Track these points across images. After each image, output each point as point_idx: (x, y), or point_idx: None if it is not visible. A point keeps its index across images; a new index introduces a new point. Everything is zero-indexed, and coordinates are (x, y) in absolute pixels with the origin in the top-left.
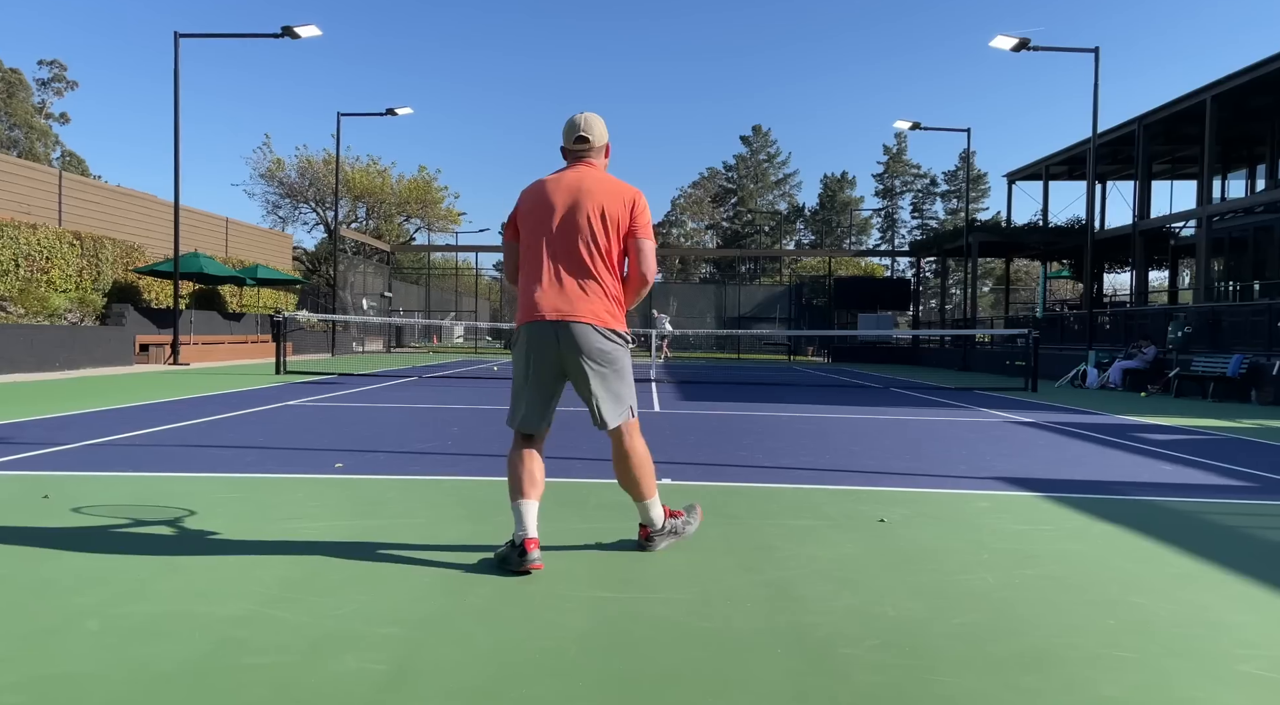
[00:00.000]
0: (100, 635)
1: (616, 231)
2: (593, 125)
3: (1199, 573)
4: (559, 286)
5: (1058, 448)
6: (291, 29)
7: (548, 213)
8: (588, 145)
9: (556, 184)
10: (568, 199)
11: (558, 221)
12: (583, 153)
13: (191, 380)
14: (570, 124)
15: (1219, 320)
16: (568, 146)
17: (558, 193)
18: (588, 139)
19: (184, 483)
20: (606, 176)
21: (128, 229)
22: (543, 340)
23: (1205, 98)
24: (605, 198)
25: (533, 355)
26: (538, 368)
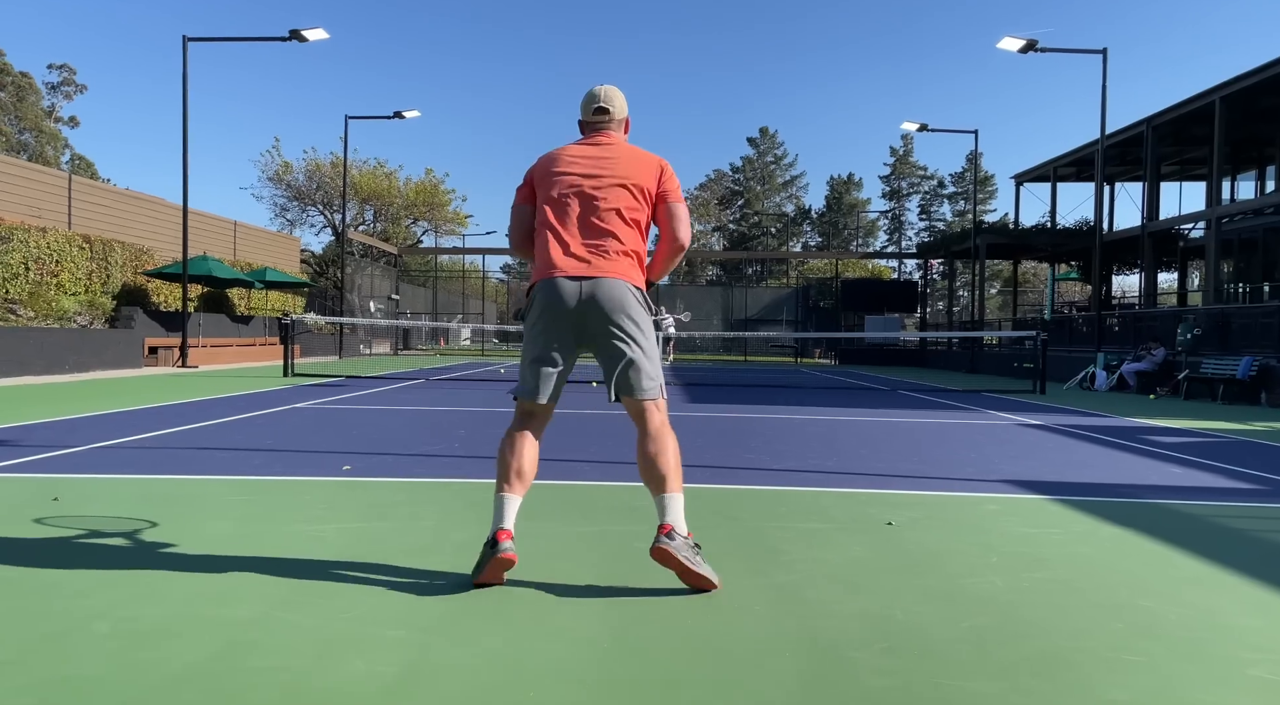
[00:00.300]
0: (109, 638)
1: (646, 198)
2: (613, 97)
3: (1208, 576)
4: (588, 245)
5: (1066, 450)
6: (299, 33)
7: (574, 177)
8: (608, 116)
9: (581, 150)
10: (595, 165)
11: (586, 186)
12: (602, 124)
13: (200, 383)
14: (590, 96)
15: (1229, 322)
16: (586, 118)
17: (583, 158)
18: (608, 110)
19: (193, 485)
20: (631, 146)
21: (137, 232)
22: (563, 299)
23: (1214, 98)
24: (633, 164)
25: (550, 316)
26: (557, 328)
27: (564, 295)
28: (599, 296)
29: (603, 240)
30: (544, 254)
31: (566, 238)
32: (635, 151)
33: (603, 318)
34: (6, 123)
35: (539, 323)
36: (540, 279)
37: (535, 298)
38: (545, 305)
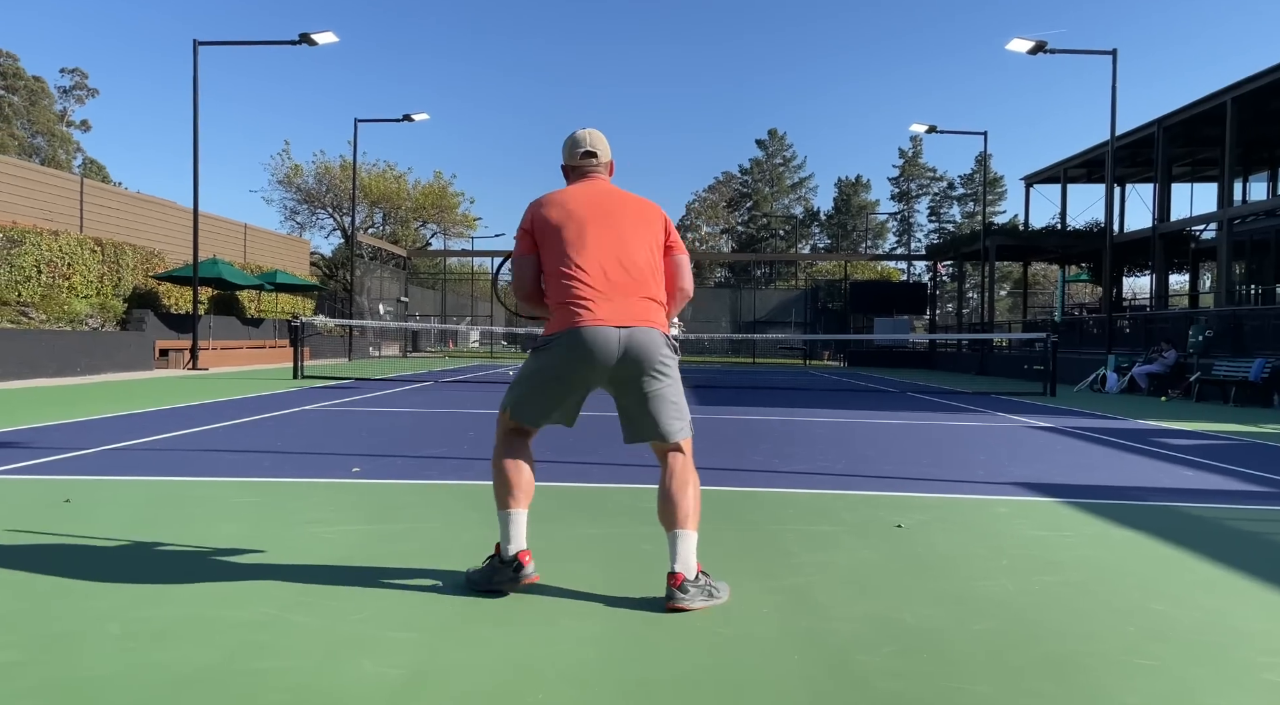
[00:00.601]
0: (120, 639)
1: (657, 246)
2: (598, 141)
3: (1221, 579)
4: (614, 295)
5: (1077, 452)
6: (309, 36)
7: (582, 220)
8: (596, 160)
9: (583, 196)
10: (606, 210)
11: (598, 229)
12: (590, 168)
13: (210, 385)
14: (574, 140)
15: (1241, 324)
16: (572, 163)
17: (591, 204)
18: (595, 154)
19: (203, 487)
20: (629, 193)
21: (148, 235)
22: (592, 347)
23: (1225, 99)
24: (641, 211)
25: (580, 362)
26: (578, 371)
27: (599, 343)
28: (634, 346)
29: (634, 287)
30: (573, 300)
31: (598, 284)
32: (640, 200)
33: (637, 366)
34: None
35: (562, 360)
36: (570, 326)
37: (562, 341)
38: (573, 349)
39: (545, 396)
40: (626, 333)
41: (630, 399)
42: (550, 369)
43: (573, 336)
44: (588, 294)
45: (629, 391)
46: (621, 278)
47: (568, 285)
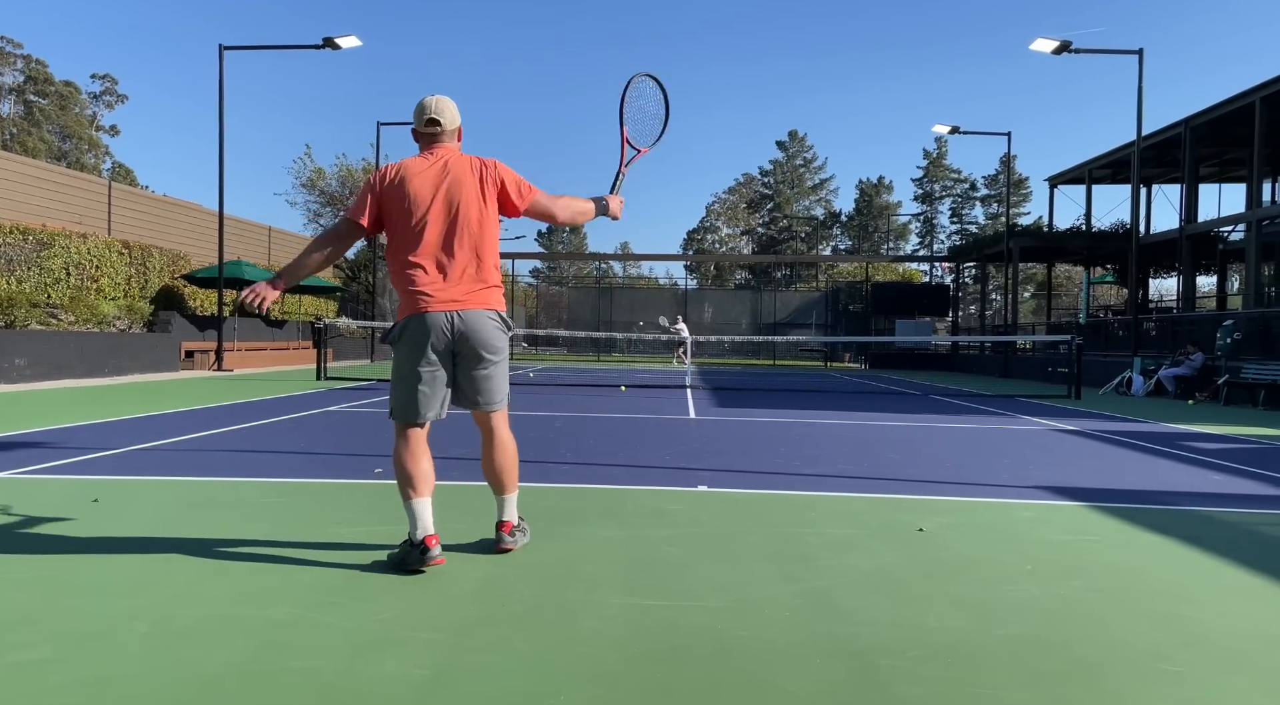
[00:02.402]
0: (149, 637)
1: (490, 206)
2: (444, 108)
3: (1252, 585)
4: (448, 277)
5: (1103, 457)
6: (332, 40)
7: (422, 200)
8: (439, 128)
9: (420, 170)
10: (440, 186)
11: (435, 210)
12: (435, 136)
13: (235, 386)
14: (420, 107)
15: (1270, 326)
16: (420, 129)
17: (426, 180)
18: (439, 122)
19: (229, 487)
20: (466, 156)
21: (174, 238)
22: (435, 330)
23: (1254, 99)
24: (472, 176)
25: (424, 345)
26: (433, 357)
27: (435, 329)
28: (467, 331)
29: (466, 268)
30: (412, 287)
31: (432, 272)
32: (471, 161)
33: (469, 347)
34: (49, 131)
35: (418, 350)
36: (412, 313)
37: (408, 328)
38: (420, 337)
39: (418, 385)
40: (460, 317)
41: (464, 373)
42: (410, 357)
43: (414, 323)
44: (419, 280)
45: (464, 366)
46: (454, 260)
47: (403, 268)
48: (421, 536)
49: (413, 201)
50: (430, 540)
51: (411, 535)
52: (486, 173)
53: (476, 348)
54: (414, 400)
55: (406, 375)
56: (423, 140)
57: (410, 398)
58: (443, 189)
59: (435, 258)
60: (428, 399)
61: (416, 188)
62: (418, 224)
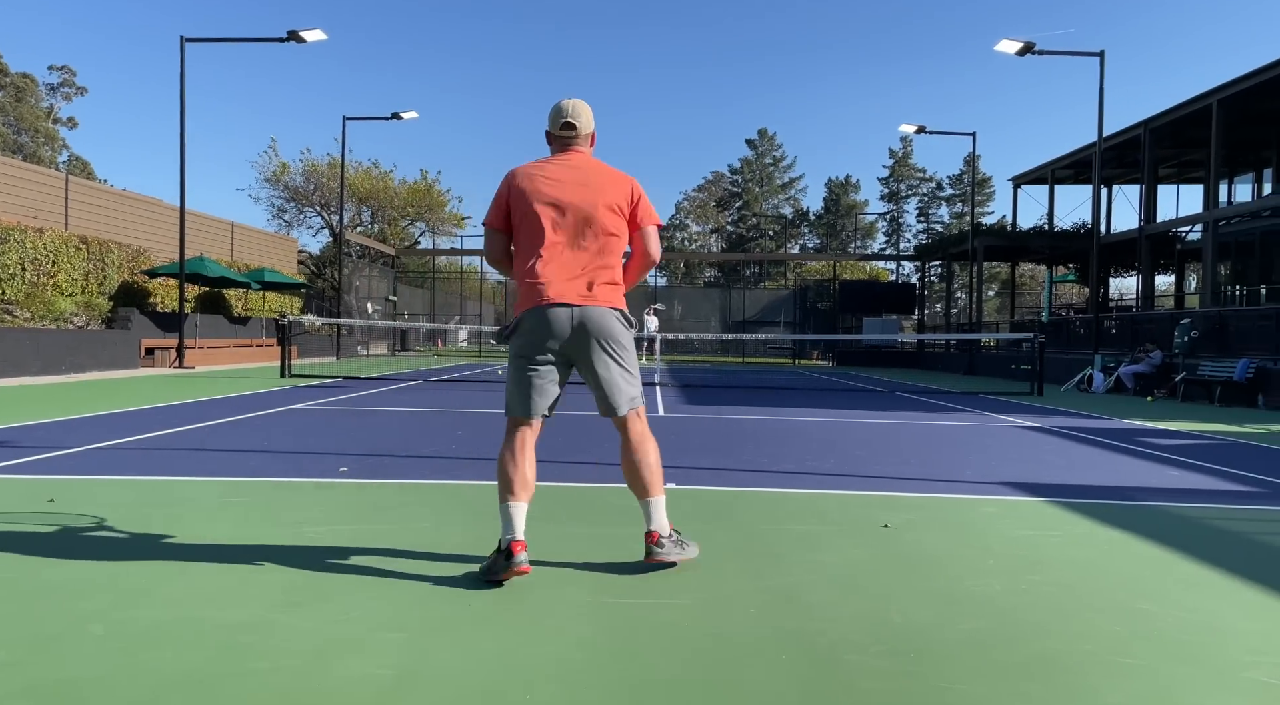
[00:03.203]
0: (105, 640)
1: (622, 217)
2: (580, 111)
3: (1206, 579)
4: (571, 272)
5: (1064, 452)
6: (297, 33)
7: (549, 198)
8: (574, 131)
9: (553, 170)
10: (571, 187)
11: (565, 209)
12: (570, 139)
13: (196, 384)
14: (557, 109)
15: (1225, 324)
16: (554, 132)
17: (558, 180)
18: (574, 125)
19: (189, 487)
20: (603, 164)
21: (134, 233)
22: (552, 325)
23: (1211, 102)
24: (608, 185)
25: (542, 340)
26: (547, 353)
27: (555, 323)
28: (589, 324)
29: (591, 266)
30: (533, 282)
31: (556, 267)
32: (610, 172)
33: (589, 343)
34: (4, 123)
35: (532, 346)
36: (532, 306)
37: (524, 323)
38: (536, 332)
39: (532, 381)
40: (581, 312)
41: (587, 373)
42: (524, 352)
43: (531, 316)
44: (541, 275)
45: (585, 366)
46: (579, 258)
47: (527, 264)
48: (508, 542)
49: (540, 201)
50: (515, 546)
51: (501, 540)
52: (630, 187)
53: (597, 343)
54: (523, 395)
55: (519, 369)
56: (556, 143)
57: (520, 392)
58: (571, 189)
59: (558, 255)
60: (538, 394)
61: (545, 187)
62: (542, 222)
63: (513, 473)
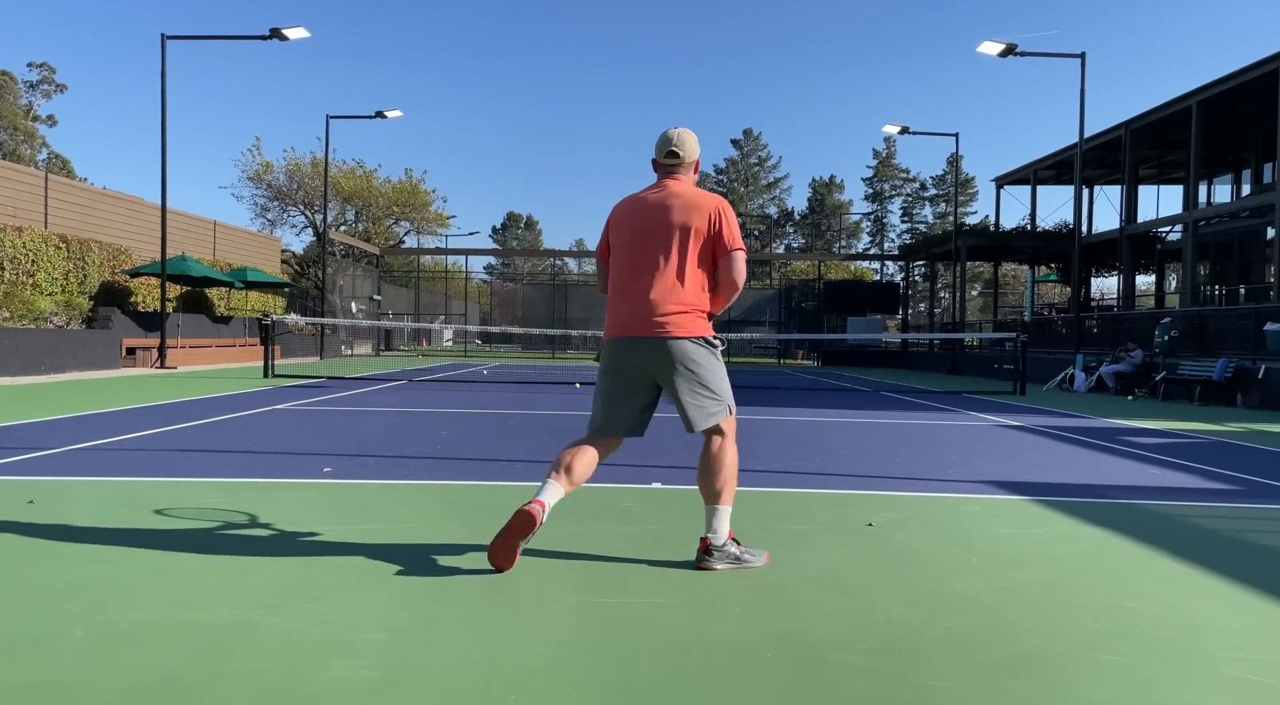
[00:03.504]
0: (86, 642)
1: (704, 243)
2: (684, 140)
3: (1186, 576)
4: (648, 303)
5: (1046, 451)
6: (279, 31)
7: (637, 229)
8: (678, 161)
9: (644, 201)
10: (656, 215)
11: (647, 238)
12: (673, 167)
13: (178, 384)
14: (664, 138)
15: (1205, 324)
16: (658, 160)
17: (646, 210)
18: (678, 154)
19: (171, 488)
20: (693, 190)
21: (114, 232)
22: (632, 355)
23: (1191, 103)
24: (692, 211)
25: (621, 367)
26: (627, 379)
27: (632, 353)
28: (671, 353)
29: (669, 295)
30: (614, 312)
31: (635, 298)
32: (698, 197)
33: (667, 369)
34: None
35: (614, 372)
36: (609, 338)
37: (605, 350)
38: (616, 359)
39: (611, 403)
40: (658, 344)
41: (670, 393)
42: (606, 376)
43: (611, 346)
44: (622, 305)
45: (667, 387)
46: (657, 286)
47: (614, 292)
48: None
49: (629, 230)
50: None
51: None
52: (713, 211)
53: (676, 369)
54: (597, 414)
55: (600, 390)
56: (660, 170)
57: (596, 410)
58: (662, 216)
59: (645, 283)
60: (610, 415)
61: (640, 217)
62: (635, 251)
63: (566, 458)
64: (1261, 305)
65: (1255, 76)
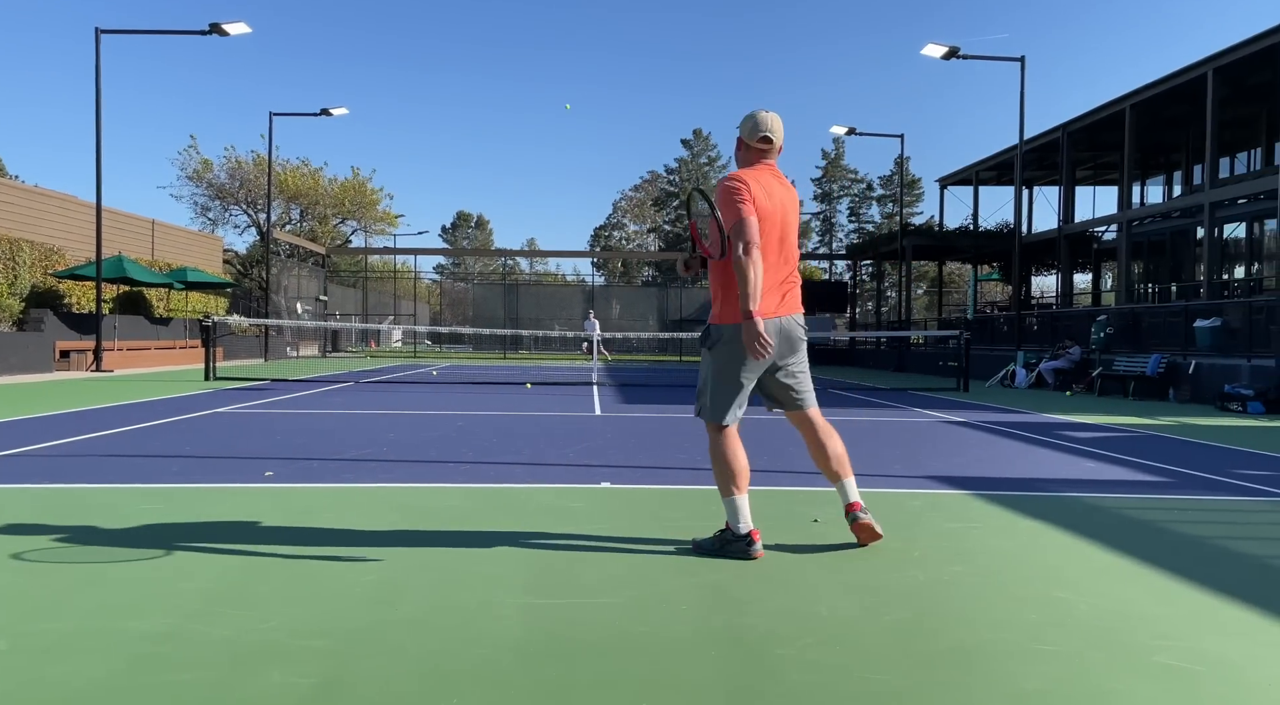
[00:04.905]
0: (9, 655)
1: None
2: (776, 126)
3: (1119, 567)
4: (784, 287)
5: (988, 446)
6: (219, 26)
7: (774, 216)
8: (770, 146)
9: (773, 186)
10: (783, 208)
11: (775, 223)
12: (766, 153)
13: (115, 387)
14: (755, 122)
15: (1139, 321)
16: (751, 143)
17: (778, 195)
18: (772, 140)
19: (104, 494)
20: (789, 182)
21: (46, 231)
22: (782, 333)
23: (1124, 107)
24: (792, 198)
25: (769, 346)
26: (758, 363)
27: (781, 334)
28: (791, 334)
29: (790, 277)
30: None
31: (772, 283)
32: (789, 184)
33: (791, 350)
34: None
35: (740, 359)
36: (766, 317)
37: (758, 330)
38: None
39: (740, 390)
40: (788, 322)
41: (785, 374)
42: (741, 362)
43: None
44: (769, 287)
45: (784, 370)
46: (789, 272)
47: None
48: (746, 530)
49: (775, 213)
50: (755, 534)
51: (735, 528)
52: (795, 195)
53: (796, 349)
54: (731, 401)
55: (733, 378)
56: (753, 153)
57: (732, 400)
58: (778, 203)
59: (789, 268)
60: (744, 398)
61: (776, 202)
62: (777, 234)
63: (737, 466)
64: (1192, 303)
65: (1185, 80)
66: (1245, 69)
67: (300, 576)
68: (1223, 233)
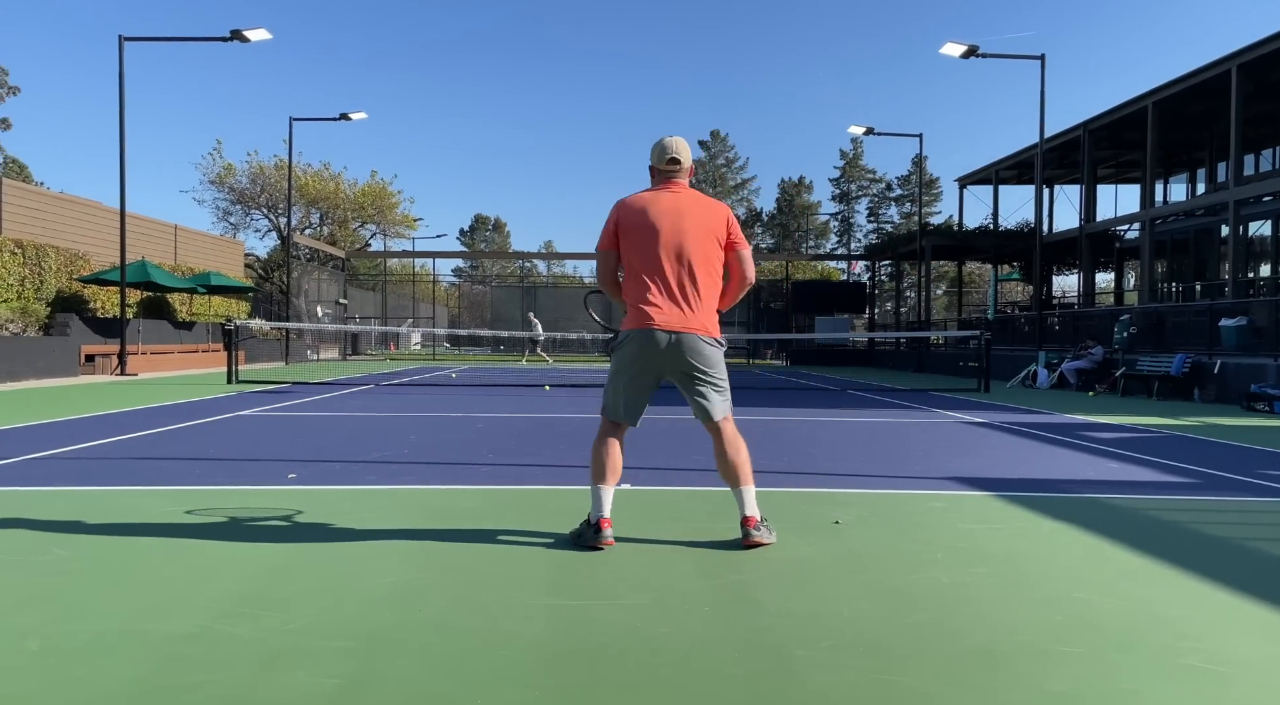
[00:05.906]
0: (40, 655)
1: (718, 244)
2: (681, 148)
3: (1143, 568)
4: (673, 300)
5: (1009, 447)
6: (240, 32)
7: (655, 230)
8: (678, 167)
9: (658, 203)
10: (673, 218)
11: (667, 239)
12: (673, 174)
13: (139, 391)
14: (662, 146)
15: (1162, 321)
16: (659, 166)
17: (662, 212)
18: (679, 161)
19: (131, 497)
20: (703, 196)
21: (72, 237)
22: (654, 347)
23: (1147, 104)
24: (705, 215)
25: (642, 358)
26: (643, 370)
27: (654, 345)
28: (684, 348)
29: (690, 293)
30: (638, 306)
31: (660, 294)
32: (706, 202)
33: (685, 365)
34: None
35: (634, 362)
36: (637, 328)
37: (630, 340)
38: (639, 351)
39: (629, 391)
40: (679, 337)
41: (685, 388)
42: (625, 366)
43: (637, 337)
44: (647, 300)
45: (683, 382)
46: (680, 285)
47: (635, 288)
48: (597, 518)
49: (646, 231)
50: (604, 522)
51: (591, 516)
52: (728, 216)
53: (693, 367)
54: (619, 402)
55: (620, 380)
56: (659, 176)
57: (617, 399)
58: (673, 219)
59: (663, 282)
60: (631, 403)
61: (660, 218)
62: (649, 251)
63: (604, 459)
64: (1217, 302)
65: (1208, 77)
66: (1270, 65)
67: (324, 578)
68: (1248, 230)
